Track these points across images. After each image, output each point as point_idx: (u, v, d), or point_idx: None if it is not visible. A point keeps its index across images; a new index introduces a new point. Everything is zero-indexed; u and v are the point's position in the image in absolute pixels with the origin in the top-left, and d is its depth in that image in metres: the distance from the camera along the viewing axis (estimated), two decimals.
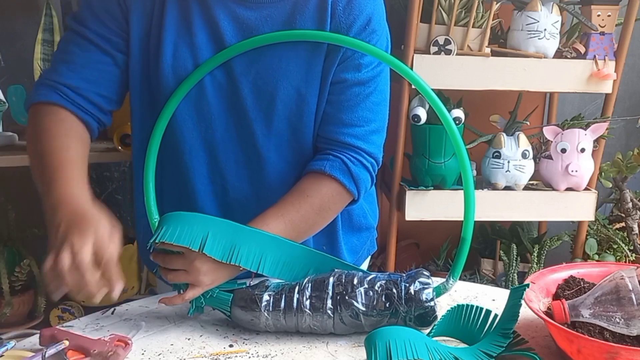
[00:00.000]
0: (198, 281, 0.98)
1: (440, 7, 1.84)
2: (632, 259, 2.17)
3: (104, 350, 0.90)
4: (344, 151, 1.12)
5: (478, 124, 1.99)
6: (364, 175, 1.12)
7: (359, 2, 1.07)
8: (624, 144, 2.56)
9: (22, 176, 2.06)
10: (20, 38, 2.05)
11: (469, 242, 1.05)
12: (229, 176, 1.15)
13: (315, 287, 1.00)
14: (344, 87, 1.11)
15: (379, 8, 1.11)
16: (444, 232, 2.22)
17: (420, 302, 0.97)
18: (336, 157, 1.11)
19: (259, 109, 1.10)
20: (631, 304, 0.86)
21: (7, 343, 0.91)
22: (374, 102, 1.13)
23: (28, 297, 1.98)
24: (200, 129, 1.11)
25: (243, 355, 0.95)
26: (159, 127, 1.09)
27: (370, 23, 1.08)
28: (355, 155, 1.12)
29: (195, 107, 1.10)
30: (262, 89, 1.09)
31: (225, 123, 1.11)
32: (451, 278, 1.05)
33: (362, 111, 1.12)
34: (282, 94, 1.09)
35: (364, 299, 0.98)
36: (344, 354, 0.96)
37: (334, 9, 1.07)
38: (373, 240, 1.35)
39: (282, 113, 1.10)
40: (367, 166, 1.13)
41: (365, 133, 1.12)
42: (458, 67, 1.86)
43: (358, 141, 1.12)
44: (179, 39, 1.06)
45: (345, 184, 1.10)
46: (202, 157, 1.13)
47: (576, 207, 2.00)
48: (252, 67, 1.08)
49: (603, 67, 1.91)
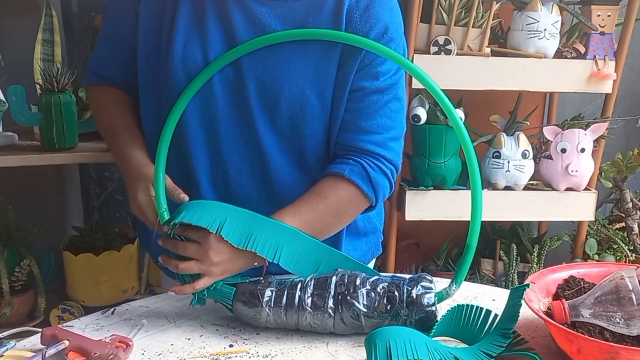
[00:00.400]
0: (210, 271, 1.00)
1: (440, 7, 1.84)
2: (632, 259, 2.17)
3: (105, 352, 0.90)
4: (364, 157, 1.13)
5: (478, 124, 1.99)
6: (382, 182, 1.13)
7: (376, 10, 1.08)
8: (624, 144, 2.56)
9: (22, 176, 2.08)
10: (20, 38, 2.05)
11: (474, 249, 1.05)
12: (230, 169, 1.15)
13: (318, 285, 1.00)
14: (363, 95, 1.11)
15: (396, 17, 1.11)
16: (444, 232, 2.22)
17: (421, 306, 0.97)
18: (356, 162, 1.12)
19: (263, 105, 1.10)
20: (631, 304, 0.86)
21: (7, 343, 0.91)
22: (393, 109, 1.14)
23: (28, 297, 1.98)
24: (205, 121, 1.12)
25: (243, 355, 0.95)
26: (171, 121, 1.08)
27: (388, 32, 1.09)
28: (375, 162, 1.13)
29: (202, 99, 1.11)
30: (267, 86, 1.09)
31: (230, 117, 1.12)
32: (454, 284, 1.05)
33: (381, 118, 1.13)
34: (286, 93, 1.09)
35: (365, 300, 0.98)
36: (344, 354, 0.96)
37: (350, 16, 1.07)
38: (378, 243, 1.35)
39: (285, 112, 1.11)
40: (386, 173, 1.14)
41: (385, 140, 1.13)
42: (458, 67, 1.86)
43: (378, 148, 1.13)
44: (191, 29, 1.08)
45: (364, 189, 1.12)
46: (206, 148, 1.14)
47: (576, 207, 2.00)
48: (259, 64, 1.08)
49: (603, 67, 1.91)
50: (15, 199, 2.03)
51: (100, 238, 2.03)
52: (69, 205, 2.35)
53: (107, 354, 0.90)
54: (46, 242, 2.13)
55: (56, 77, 1.71)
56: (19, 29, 2.07)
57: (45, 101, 1.70)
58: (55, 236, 2.20)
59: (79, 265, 2.00)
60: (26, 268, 1.92)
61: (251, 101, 1.10)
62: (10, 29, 2.08)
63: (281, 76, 1.08)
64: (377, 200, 1.14)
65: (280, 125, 1.12)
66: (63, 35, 2.07)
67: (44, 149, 1.75)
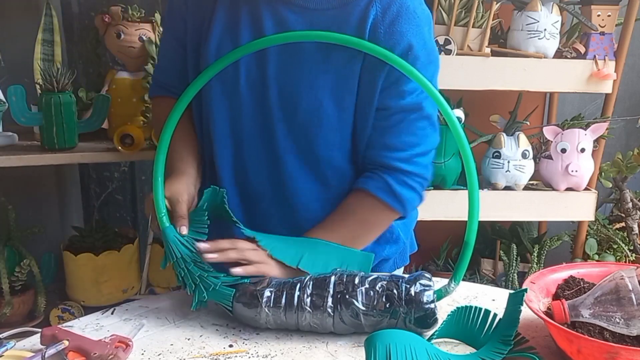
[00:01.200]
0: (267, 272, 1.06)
1: (440, 7, 1.84)
2: (632, 259, 2.17)
3: (105, 352, 0.90)
4: (388, 172, 1.14)
5: (478, 124, 1.99)
6: (409, 195, 1.15)
7: (401, 26, 1.07)
8: (624, 144, 2.56)
9: (22, 176, 2.08)
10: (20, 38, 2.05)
11: (472, 246, 1.05)
12: (250, 169, 1.18)
13: (317, 285, 1.00)
14: (388, 114, 1.12)
15: (422, 31, 1.10)
16: (444, 232, 2.22)
17: (420, 303, 0.97)
18: (380, 178, 1.14)
19: (283, 111, 1.13)
20: (631, 304, 0.86)
21: (7, 343, 0.91)
22: (419, 126, 1.14)
23: (28, 297, 1.98)
24: (230, 120, 1.16)
25: (243, 355, 0.95)
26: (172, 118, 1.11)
27: (413, 49, 1.08)
28: (400, 176, 1.14)
29: (229, 99, 1.14)
30: (287, 93, 1.11)
31: (252, 118, 1.15)
32: (453, 282, 1.05)
33: (407, 136, 1.13)
34: (305, 102, 1.11)
35: (364, 298, 0.98)
36: (344, 354, 0.96)
37: (375, 30, 1.07)
38: (404, 253, 1.35)
39: (302, 119, 1.12)
40: (413, 186, 1.15)
41: (410, 156, 1.14)
42: (458, 67, 1.86)
43: (402, 164, 1.13)
44: (225, 31, 1.12)
45: (389, 203, 1.13)
46: (230, 147, 1.18)
47: (576, 207, 2.00)
48: (283, 71, 1.11)
49: (603, 67, 1.91)
50: (15, 199, 2.03)
51: (100, 238, 2.03)
52: (68, 205, 2.35)
53: (107, 354, 0.90)
54: (46, 242, 2.13)
55: (56, 77, 1.71)
56: (19, 29, 2.07)
57: (45, 101, 1.70)
58: (55, 236, 2.20)
59: (79, 265, 2.00)
60: (26, 268, 1.92)
61: (272, 106, 1.13)
62: (10, 29, 2.08)
63: (302, 85, 1.10)
64: (406, 211, 1.16)
65: (297, 133, 1.14)
66: (63, 35, 2.07)
67: (44, 149, 1.75)
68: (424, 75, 1.06)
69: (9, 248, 1.94)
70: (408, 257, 1.37)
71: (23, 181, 2.15)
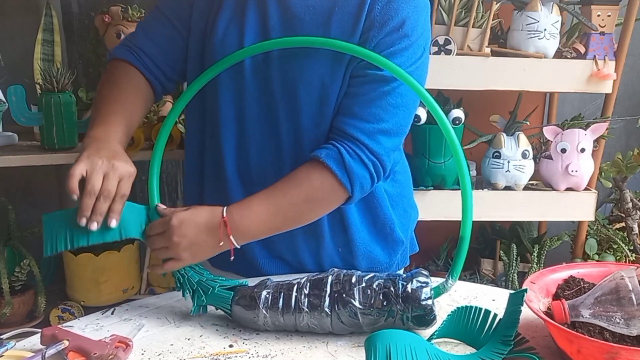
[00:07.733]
0: (179, 256, 1.04)
1: (440, 7, 1.84)
2: (632, 259, 2.17)
3: (105, 352, 0.90)
4: (345, 142, 1.10)
5: (478, 124, 1.99)
6: (360, 171, 1.09)
7: (398, 3, 1.08)
8: (624, 144, 2.56)
9: (22, 176, 2.08)
10: (20, 38, 2.05)
11: (468, 240, 1.04)
12: (252, 152, 1.18)
13: (314, 285, 1.00)
14: (363, 81, 1.11)
15: (418, 13, 1.10)
16: (444, 232, 2.22)
17: (417, 300, 0.97)
18: (334, 147, 1.09)
19: (284, 92, 1.13)
20: (631, 304, 0.86)
21: (7, 343, 0.91)
22: (391, 103, 1.10)
23: (28, 297, 1.98)
24: (235, 103, 1.16)
25: (243, 355, 0.95)
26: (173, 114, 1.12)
27: (404, 26, 1.08)
28: (355, 149, 1.09)
29: (235, 82, 1.15)
30: (288, 73, 1.12)
31: (256, 101, 1.15)
32: (451, 278, 1.04)
33: (376, 108, 1.10)
34: (305, 81, 1.11)
35: (361, 297, 0.98)
36: (344, 354, 0.96)
37: (372, 7, 1.08)
38: (405, 255, 1.34)
39: (303, 100, 1.13)
40: (366, 163, 1.09)
41: (373, 130, 1.10)
42: (458, 67, 1.86)
43: (362, 135, 1.09)
44: (233, 16, 1.14)
45: (338, 174, 1.08)
46: (233, 130, 1.18)
47: (576, 207, 2.00)
48: (284, 51, 1.11)
49: (603, 67, 1.91)
50: (15, 199, 2.03)
51: None
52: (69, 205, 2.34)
53: (107, 354, 0.90)
54: None
55: (56, 77, 1.71)
56: (19, 29, 2.07)
57: (45, 101, 1.70)
58: None
59: (79, 265, 2.00)
60: (26, 268, 1.92)
61: (274, 87, 1.14)
62: (10, 29, 2.08)
63: (301, 64, 1.11)
64: (353, 190, 1.09)
65: (298, 114, 1.14)
66: (63, 35, 2.07)
67: (44, 149, 1.76)
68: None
69: (9, 248, 1.94)
70: (408, 258, 1.37)
71: (23, 181, 2.15)
